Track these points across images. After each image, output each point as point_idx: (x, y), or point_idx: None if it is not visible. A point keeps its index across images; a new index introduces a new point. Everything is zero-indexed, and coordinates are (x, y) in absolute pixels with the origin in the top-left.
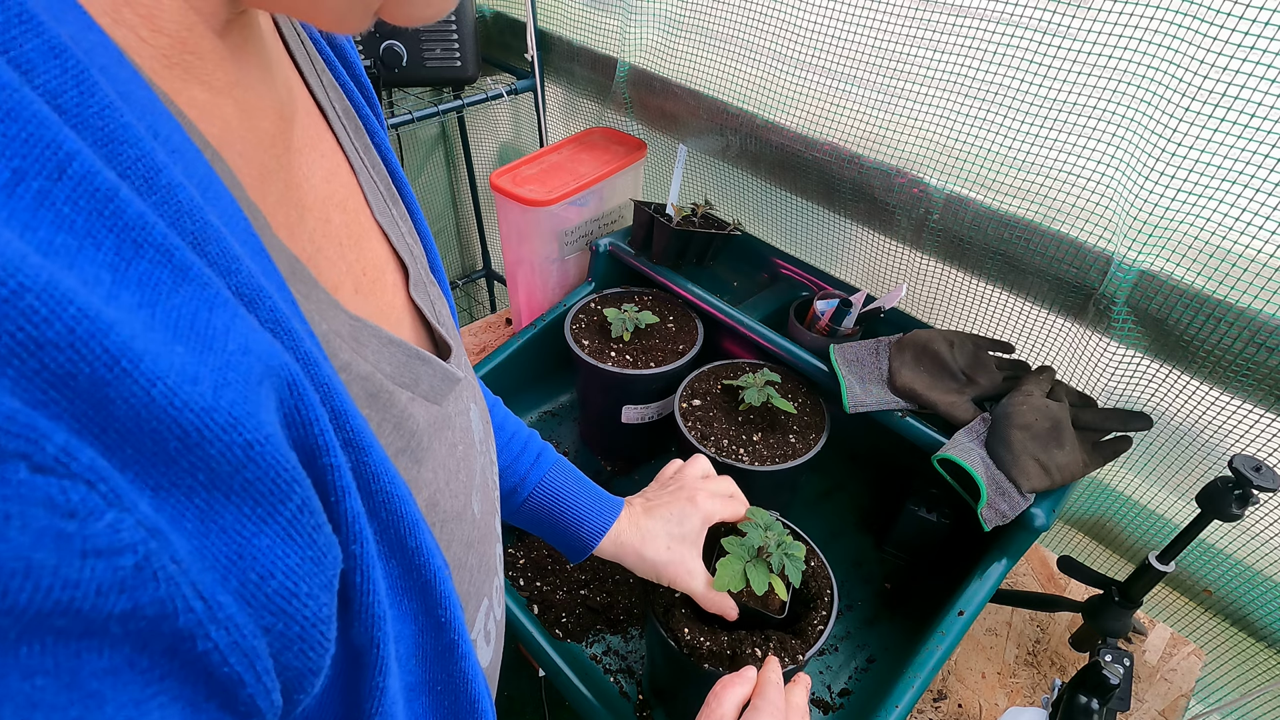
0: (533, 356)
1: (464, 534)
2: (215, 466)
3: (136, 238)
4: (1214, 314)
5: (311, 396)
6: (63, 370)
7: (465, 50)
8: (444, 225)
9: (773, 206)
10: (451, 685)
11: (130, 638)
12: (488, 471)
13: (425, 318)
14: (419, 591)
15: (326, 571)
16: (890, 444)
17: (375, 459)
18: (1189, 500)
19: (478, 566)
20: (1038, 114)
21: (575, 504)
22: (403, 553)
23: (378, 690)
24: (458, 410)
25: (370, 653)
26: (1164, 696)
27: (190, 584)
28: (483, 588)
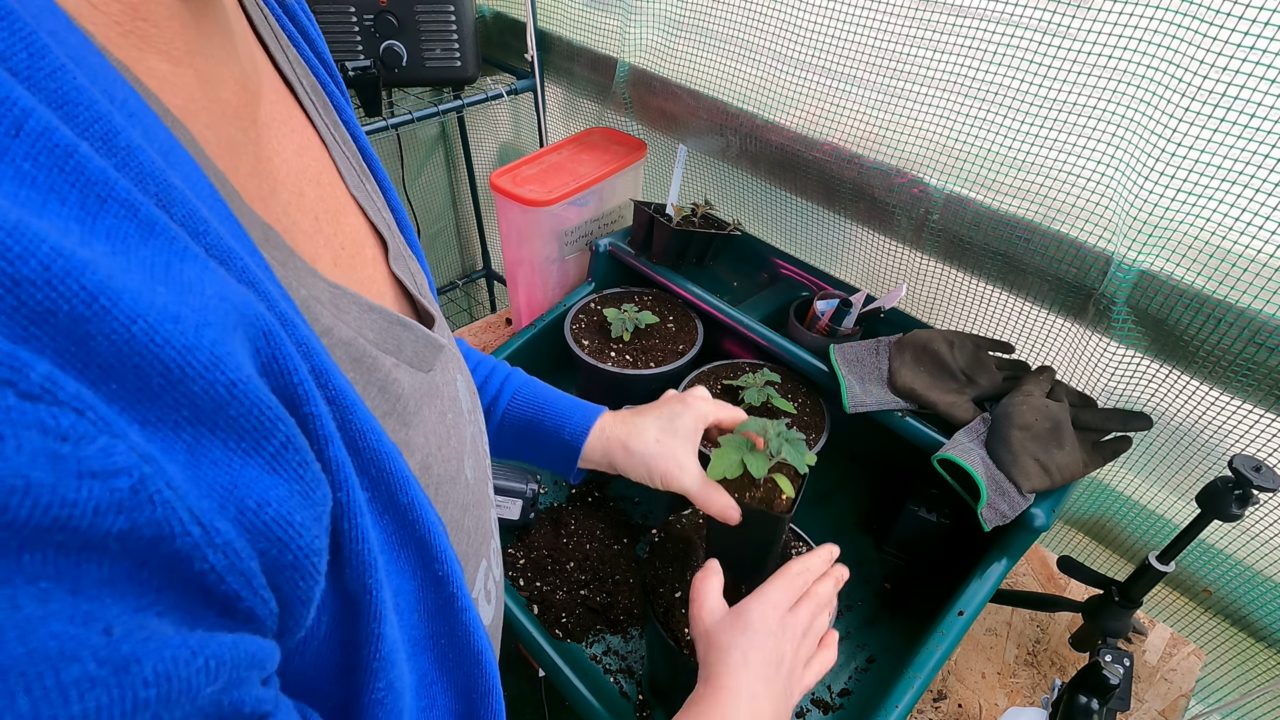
0: (533, 356)
1: (459, 497)
2: (199, 403)
3: (100, 193)
4: (1214, 314)
5: (288, 347)
6: (41, 307)
7: (465, 50)
8: (444, 225)
9: (773, 206)
10: (454, 639)
11: (129, 554)
12: (478, 440)
13: (407, 290)
14: (415, 546)
15: (316, 506)
16: (890, 444)
17: (360, 417)
18: (1189, 500)
19: (474, 529)
20: (1038, 114)
21: (555, 408)
22: (395, 509)
23: (374, 636)
24: (445, 380)
25: (364, 599)
26: (1164, 696)
27: (187, 509)
28: (480, 549)
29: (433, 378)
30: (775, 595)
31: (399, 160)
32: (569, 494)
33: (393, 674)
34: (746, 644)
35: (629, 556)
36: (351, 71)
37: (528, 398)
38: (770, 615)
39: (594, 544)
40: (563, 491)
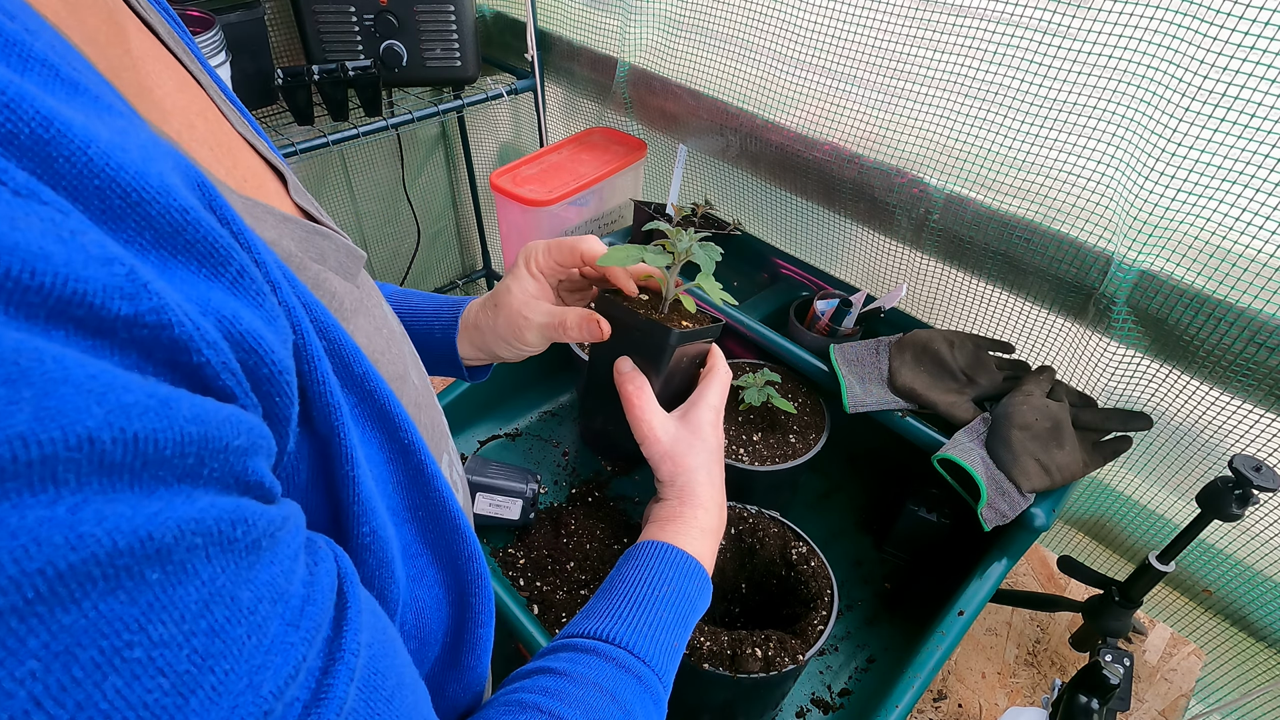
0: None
1: (411, 395)
2: (159, 226)
3: (20, 53)
4: (1214, 314)
5: (221, 199)
6: (3, 130)
7: (465, 50)
8: (444, 225)
9: (773, 206)
10: (431, 510)
11: (136, 344)
12: (415, 358)
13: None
14: (378, 417)
15: (280, 332)
16: (890, 444)
17: (300, 290)
18: (1189, 500)
19: (430, 426)
20: (1038, 114)
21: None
22: (353, 379)
23: (350, 480)
24: (373, 301)
25: (334, 441)
26: (1164, 696)
27: (177, 304)
28: (440, 444)
29: (361, 294)
30: (715, 399)
31: (399, 160)
32: (569, 494)
33: (375, 522)
34: (708, 459)
35: None
36: (352, 71)
37: (397, 301)
38: (715, 421)
39: (594, 544)
40: (563, 491)
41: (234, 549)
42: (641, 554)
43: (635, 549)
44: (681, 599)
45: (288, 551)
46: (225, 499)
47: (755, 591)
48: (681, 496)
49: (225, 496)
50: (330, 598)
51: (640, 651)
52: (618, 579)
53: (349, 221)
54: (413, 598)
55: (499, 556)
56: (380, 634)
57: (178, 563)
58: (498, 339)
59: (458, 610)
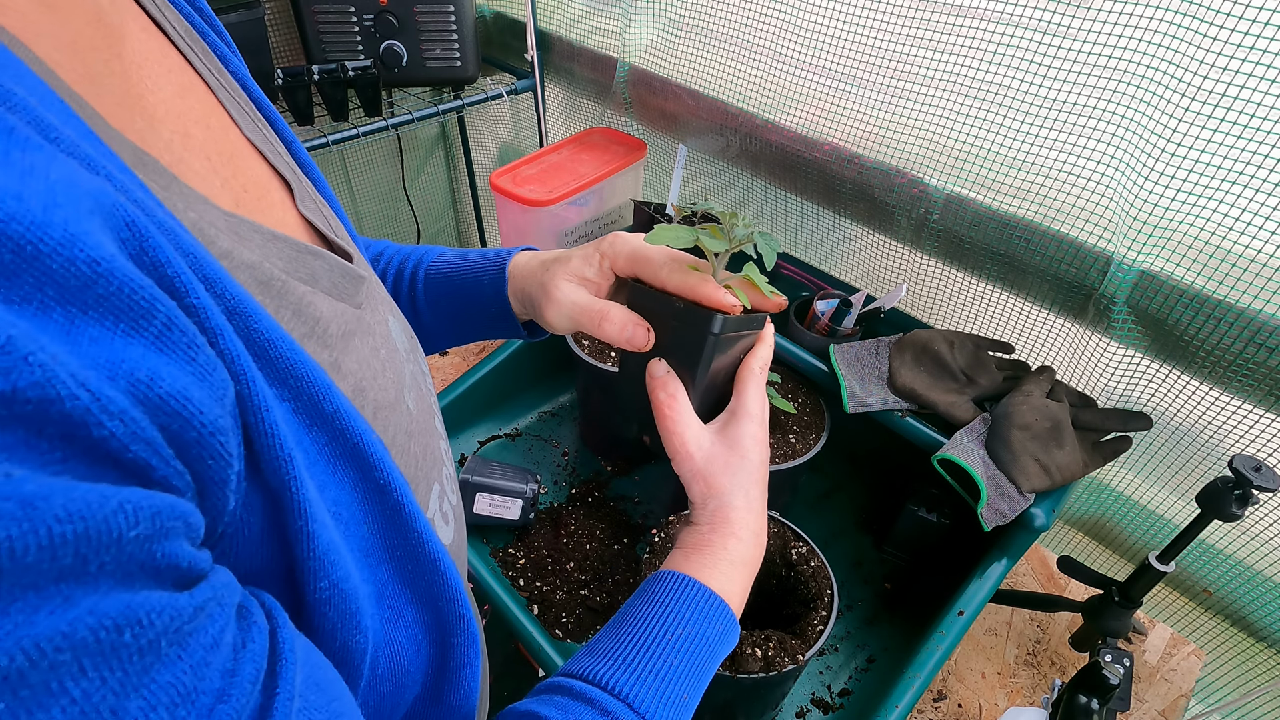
0: (533, 356)
1: (401, 423)
2: (62, 281)
3: None
4: (1214, 314)
5: (157, 239)
6: None
7: (465, 50)
8: (444, 225)
9: (773, 206)
10: (410, 550)
11: (20, 420)
12: (419, 379)
13: (322, 233)
14: (350, 456)
15: (215, 388)
16: (890, 444)
17: (267, 326)
18: (1189, 500)
19: (422, 454)
20: (1038, 114)
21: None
22: (322, 418)
23: (304, 535)
24: (376, 319)
25: (286, 495)
26: (1164, 696)
27: (69, 374)
28: (431, 474)
29: (361, 315)
30: (757, 408)
31: (399, 160)
32: (569, 494)
33: (336, 575)
34: (746, 480)
35: (629, 556)
36: (351, 71)
37: (446, 259)
38: (760, 435)
39: (594, 544)
40: (562, 491)
41: (121, 655)
42: (659, 587)
43: (654, 580)
44: (699, 644)
45: (202, 641)
46: (116, 597)
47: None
48: (713, 522)
49: (121, 592)
50: (257, 683)
51: (641, 706)
52: (629, 613)
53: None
54: (388, 639)
55: (499, 557)
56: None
57: (36, 685)
58: (531, 302)
59: (439, 650)
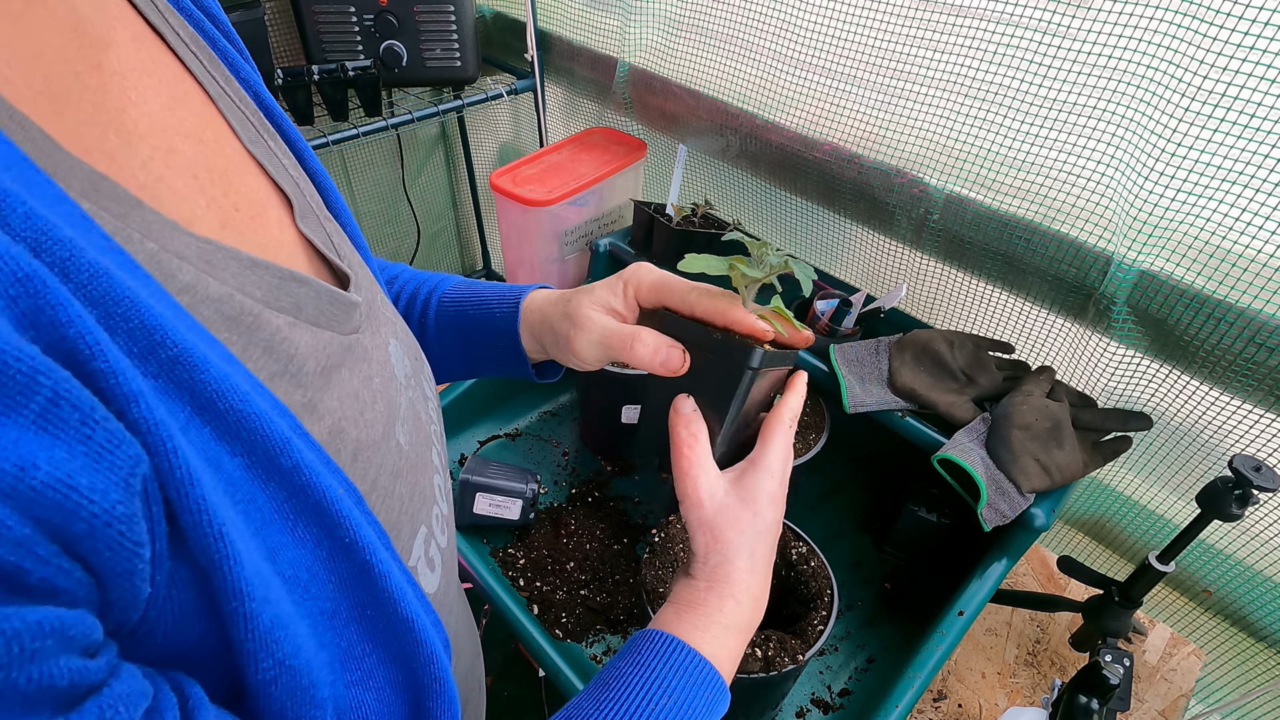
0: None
1: (387, 463)
2: None
3: None
4: (1214, 314)
5: (60, 295)
6: None
7: (465, 50)
8: (444, 225)
9: (773, 206)
10: (381, 608)
11: None
12: (418, 405)
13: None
14: (312, 514)
15: (116, 470)
16: (890, 444)
17: (216, 376)
18: (1189, 500)
19: (409, 495)
20: (1038, 114)
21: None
22: (279, 474)
23: (241, 616)
24: (375, 343)
25: (217, 575)
26: (1164, 696)
27: None
28: (418, 516)
29: (354, 341)
30: (777, 463)
31: (399, 160)
32: (569, 494)
33: (283, 652)
34: (754, 540)
35: (629, 556)
36: (352, 71)
37: (461, 288)
38: (777, 494)
39: (594, 544)
40: (562, 491)
41: None
42: (646, 648)
43: (640, 639)
44: (685, 715)
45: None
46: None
47: None
48: (711, 581)
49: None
50: None
51: None
52: (613, 674)
53: None
54: (355, 704)
55: (499, 557)
56: None
57: None
58: (554, 336)
59: (413, 712)
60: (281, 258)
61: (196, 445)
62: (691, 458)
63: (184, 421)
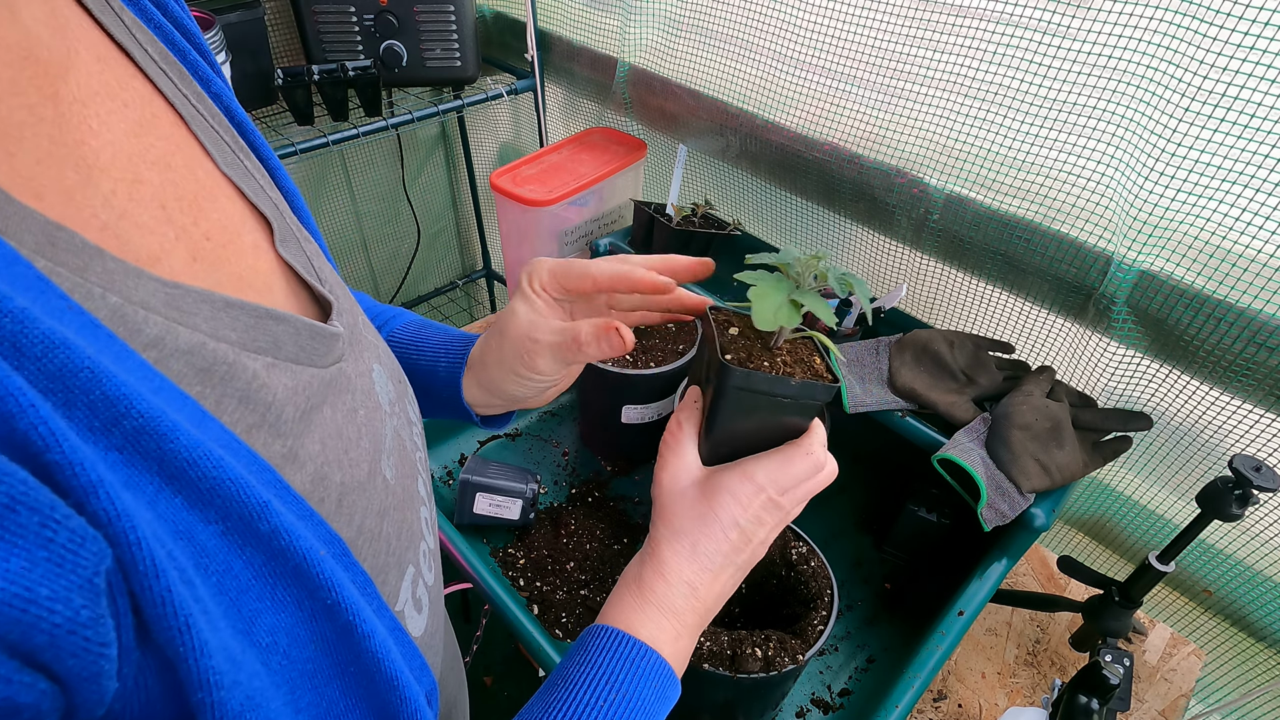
0: None
1: (374, 503)
2: None
3: None
4: (1214, 314)
5: (11, 383)
6: None
7: (465, 50)
8: (444, 225)
9: (773, 206)
10: (363, 667)
11: None
12: (403, 433)
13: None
14: (292, 577)
15: (79, 571)
16: (890, 444)
17: (187, 445)
18: (1189, 500)
19: (396, 534)
20: (1038, 114)
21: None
22: (257, 538)
23: (208, 706)
24: (358, 370)
25: (184, 667)
26: (1164, 696)
27: None
28: (406, 555)
29: (337, 371)
30: (761, 474)
31: (399, 160)
32: (569, 494)
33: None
34: (699, 532)
35: (629, 556)
36: (352, 71)
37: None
38: (747, 499)
39: (594, 544)
40: (562, 491)
41: None
42: (591, 644)
43: (588, 635)
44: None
45: None
46: None
47: (755, 591)
48: (650, 558)
49: None
50: None
51: None
52: (561, 676)
53: (349, 222)
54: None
55: (499, 556)
56: None
57: None
58: (506, 373)
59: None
60: (258, 285)
61: (167, 516)
62: (671, 442)
63: (153, 493)
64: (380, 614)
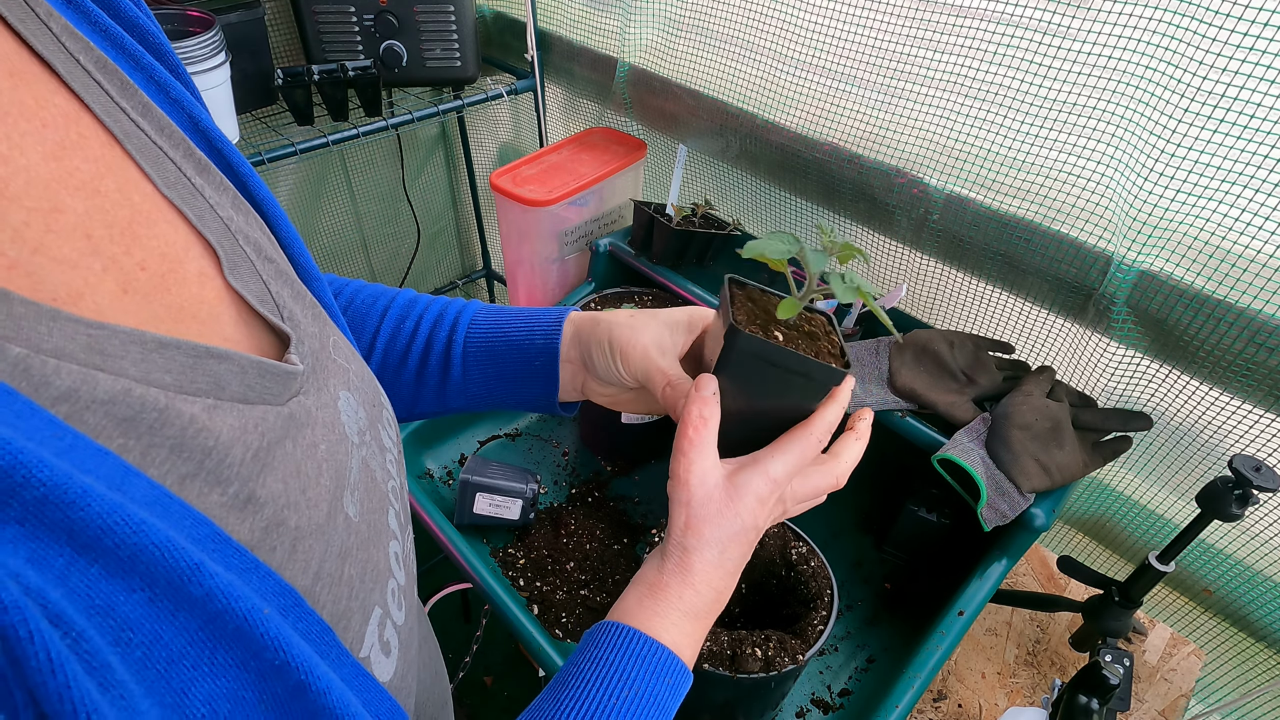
0: None
1: (334, 545)
2: None
3: None
4: (1214, 314)
5: None
6: None
7: (465, 50)
8: (444, 225)
9: (773, 206)
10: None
11: None
12: (373, 463)
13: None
14: (233, 639)
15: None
16: (890, 444)
17: (99, 509)
18: (1189, 500)
19: (360, 576)
20: (1037, 114)
21: (523, 315)
22: (190, 603)
23: None
24: (320, 403)
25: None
26: (1164, 696)
27: None
28: (370, 597)
29: (296, 405)
30: (778, 468)
31: (399, 160)
32: (569, 494)
33: None
34: (728, 538)
35: (629, 556)
36: (352, 71)
37: (491, 316)
38: (766, 495)
39: (594, 544)
40: (563, 491)
41: None
42: (604, 642)
43: (598, 631)
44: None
45: None
46: None
47: (755, 591)
48: (678, 565)
49: None
50: None
51: None
52: (571, 672)
53: (349, 222)
54: None
55: (499, 556)
56: None
57: None
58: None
59: None
60: (202, 317)
61: (81, 590)
62: (694, 438)
63: (63, 567)
64: (340, 665)
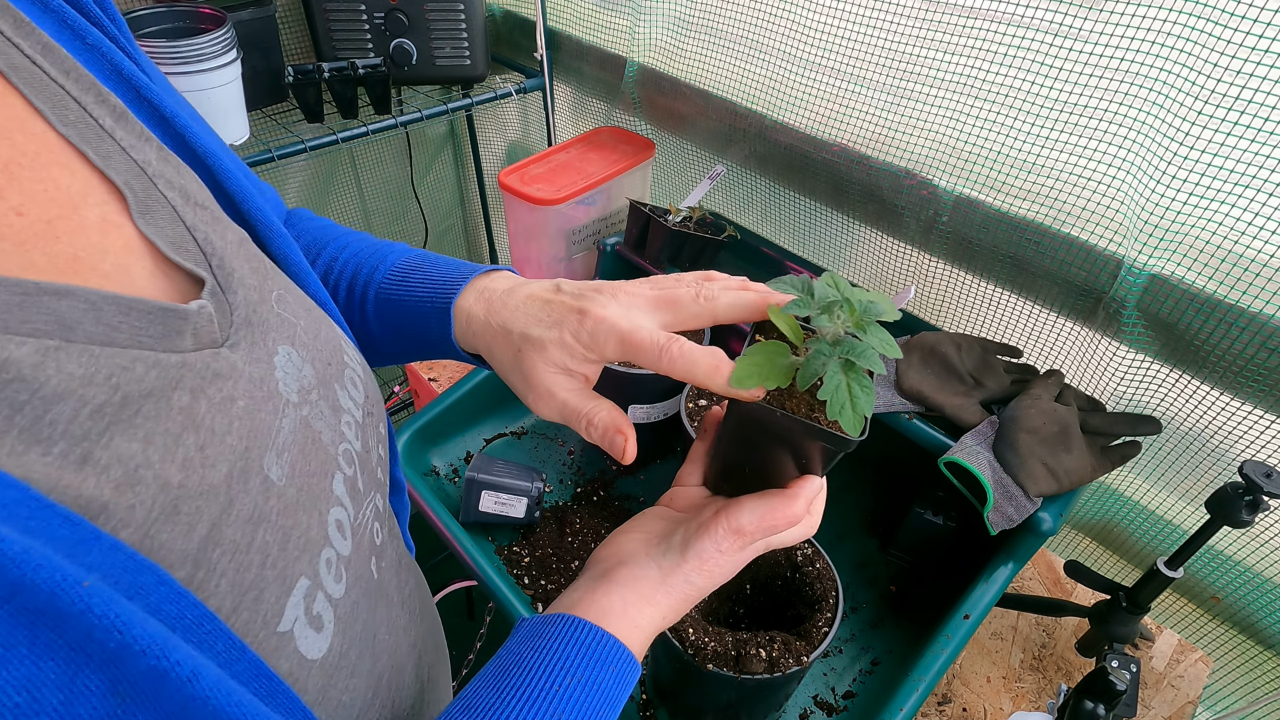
0: None
1: (241, 508)
2: None
3: None
4: (1225, 318)
5: None
6: None
7: (474, 49)
8: (452, 223)
9: (781, 207)
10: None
11: None
12: (317, 424)
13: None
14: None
15: None
16: (897, 447)
17: None
18: (1198, 506)
19: (280, 544)
20: (1048, 116)
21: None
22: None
23: None
24: (251, 358)
25: None
26: (1171, 703)
27: None
28: (293, 567)
29: (202, 358)
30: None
31: (408, 158)
32: (574, 492)
33: None
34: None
35: None
36: (362, 69)
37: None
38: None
39: (599, 543)
40: (568, 490)
41: None
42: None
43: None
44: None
45: None
46: None
47: (759, 592)
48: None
49: None
50: None
51: None
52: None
53: (357, 219)
54: None
55: (504, 554)
56: None
57: None
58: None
59: None
60: (104, 268)
61: None
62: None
63: None
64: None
